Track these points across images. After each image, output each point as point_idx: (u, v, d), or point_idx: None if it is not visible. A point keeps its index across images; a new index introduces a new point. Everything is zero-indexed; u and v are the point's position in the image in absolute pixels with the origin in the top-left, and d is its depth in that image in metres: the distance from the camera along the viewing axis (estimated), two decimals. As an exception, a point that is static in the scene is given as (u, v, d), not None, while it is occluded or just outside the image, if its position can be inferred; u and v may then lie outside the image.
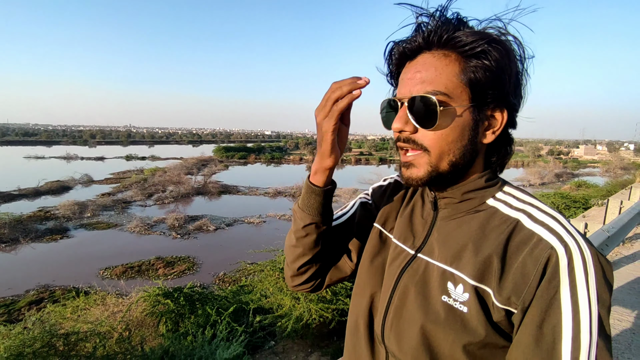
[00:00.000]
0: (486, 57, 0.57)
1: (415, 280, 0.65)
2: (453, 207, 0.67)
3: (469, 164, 0.63)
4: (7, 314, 6.73)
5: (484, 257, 0.58)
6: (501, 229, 0.60)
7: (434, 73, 0.59)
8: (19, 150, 46.14)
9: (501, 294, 0.55)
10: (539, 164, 34.66)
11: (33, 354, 2.30)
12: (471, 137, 0.61)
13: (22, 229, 11.64)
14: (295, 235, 0.76)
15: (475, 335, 0.57)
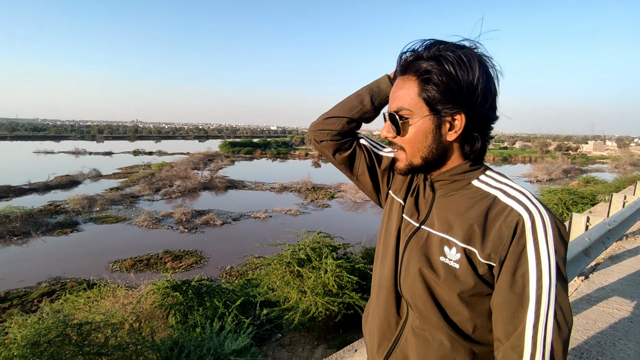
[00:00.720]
0: (435, 79, 0.74)
1: (419, 246, 0.83)
2: (446, 187, 0.84)
3: (441, 156, 0.81)
4: (21, 304, 6.89)
5: (469, 224, 0.75)
6: (483, 203, 0.76)
7: (402, 93, 0.79)
8: (28, 145, 46.75)
9: (484, 252, 0.72)
10: (546, 160, 34.30)
11: (48, 343, 2.37)
12: (435, 138, 0.79)
13: (33, 223, 11.86)
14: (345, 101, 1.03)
15: (465, 285, 0.74)
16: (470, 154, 0.82)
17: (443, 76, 0.74)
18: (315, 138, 1.07)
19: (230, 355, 3.25)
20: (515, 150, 53.88)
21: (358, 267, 4.44)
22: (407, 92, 0.78)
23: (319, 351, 4.06)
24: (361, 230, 10.26)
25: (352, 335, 4.37)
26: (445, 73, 0.74)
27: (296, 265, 4.49)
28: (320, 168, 32.61)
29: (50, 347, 2.37)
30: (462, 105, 0.75)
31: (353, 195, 17.11)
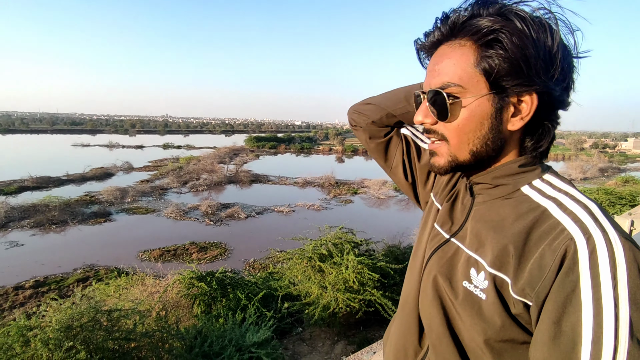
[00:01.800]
0: (502, 42, 0.54)
1: (442, 262, 0.67)
2: (487, 193, 0.66)
3: (496, 152, 0.62)
4: (58, 289, 7.30)
5: (503, 245, 0.57)
6: (526, 218, 0.57)
7: (448, 64, 0.59)
8: (67, 139, 49.20)
9: (517, 284, 0.53)
10: (581, 158, 32.62)
11: (80, 327, 2.49)
12: (493, 126, 0.59)
13: (70, 212, 12.49)
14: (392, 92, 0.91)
15: (491, 325, 0.55)
16: (533, 150, 0.62)
17: (515, 38, 0.54)
18: (351, 120, 0.98)
19: (251, 347, 3.31)
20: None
21: (380, 265, 4.40)
22: (457, 62, 0.58)
23: (339, 347, 4.07)
24: (384, 227, 10.17)
25: (373, 332, 4.34)
26: (518, 34, 0.54)
27: (317, 261, 4.50)
28: (343, 163, 32.51)
29: (82, 332, 2.49)
30: (535, 81, 0.56)
31: (376, 192, 16.96)
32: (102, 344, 2.50)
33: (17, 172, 18.06)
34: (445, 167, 0.64)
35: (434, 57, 0.62)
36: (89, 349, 2.40)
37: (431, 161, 0.67)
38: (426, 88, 0.63)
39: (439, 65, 0.60)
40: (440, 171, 0.65)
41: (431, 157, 0.67)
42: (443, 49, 0.61)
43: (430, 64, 0.63)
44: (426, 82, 0.64)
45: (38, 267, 8.36)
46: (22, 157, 27.85)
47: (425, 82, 0.64)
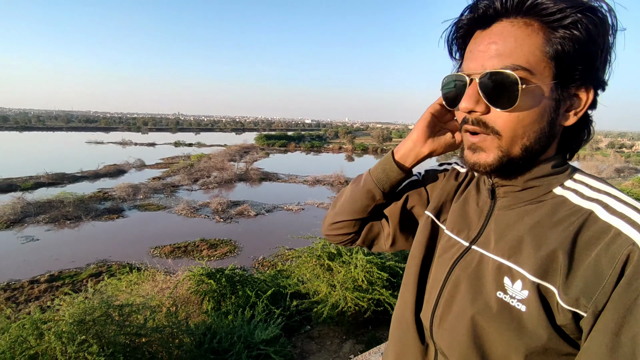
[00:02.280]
0: (576, 27, 0.49)
1: (468, 273, 0.61)
2: (513, 196, 0.61)
3: (543, 149, 0.57)
4: (72, 284, 7.45)
5: (548, 252, 0.52)
6: (570, 221, 0.53)
7: (513, 44, 0.51)
8: (81, 136, 50.14)
9: (568, 293, 0.49)
10: (596, 158, 31.95)
11: (93, 322, 2.54)
12: (551, 119, 0.54)
13: (84, 208, 12.73)
14: (353, 196, 0.82)
15: (534, 339, 0.50)
16: (570, 150, 0.60)
17: (592, 26, 0.49)
18: (331, 241, 0.92)
19: (260, 344, 3.33)
20: None
21: (389, 265, 4.37)
22: (523, 42, 0.51)
23: (347, 346, 4.06)
24: (394, 226, 10.11)
25: (381, 332, 4.32)
26: (596, 22, 0.49)
27: (326, 259, 4.50)
28: (353, 162, 32.43)
29: (94, 326, 2.54)
30: (597, 75, 0.53)
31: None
32: (113, 339, 2.54)
33: (33, 169, 18.49)
34: (494, 165, 0.56)
35: (488, 34, 0.54)
36: (100, 343, 2.44)
37: (473, 158, 0.58)
38: (477, 70, 0.54)
39: (498, 44, 0.52)
40: (485, 169, 0.57)
41: (472, 154, 0.58)
42: (503, 26, 0.53)
43: (481, 42, 0.55)
44: (476, 62, 0.55)
45: (52, 262, 8.55)
46: (38, 154, 28.49)
47: (475, 63, 0.55)
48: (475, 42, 0.57)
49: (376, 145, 42.93)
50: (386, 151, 6.66)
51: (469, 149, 0.59)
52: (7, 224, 11.14)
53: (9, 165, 20.39)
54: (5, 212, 11.49)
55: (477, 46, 0.56)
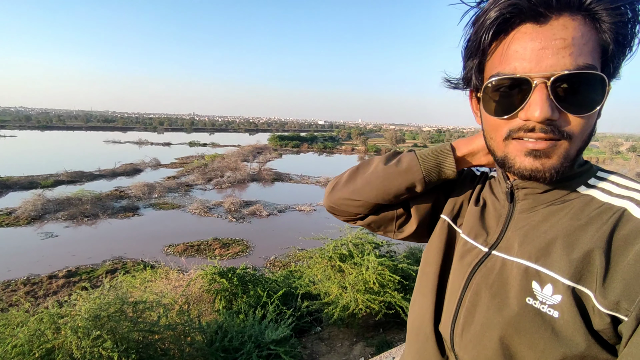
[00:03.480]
0: (624, 23, 0.48)
1: (491, 281, 0.57)
2: (535, 198, 0.57)
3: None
4: (88, 279, 7.63)
5: (581, 253, 0.49)
6: (602, 220, 0.50)
7: (581, 41, 0.46)
8: (100, 135, 51.38)
9: (606, 296, 0.45)
10: (617, 162, 30.99)
11: (107, 317, 2.59)
12: (597, 117, 0.52)
13: (101, 206, 13.03)
14: (387, 177, 0.72)
15: (571, 346, 0.47)
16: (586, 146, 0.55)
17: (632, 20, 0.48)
18: (332, 213, 0.83)
19: (270, 344, 3.33)
20: None
21: (401, 267, 4.33)
22: (589, 39, 0.47)
23: (357, 348, 4.04)
24: (406, 229, 10.03)
25: (392, 335, 4.28)
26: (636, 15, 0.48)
27: (338, 260, 4.48)
28: (366, 163, 32.29)
29: (109, 321, 2.58)
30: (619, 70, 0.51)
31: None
32: (127, 335, 2.58)
33: (53, 167, 19.03)
34: (560, 170, 0.51)
35: (548, 30, 0.47)
36: (114, 338, 2.49)
37: (535, 164, 0.51)
38: (541, 70, 0.47)
39: (567, 40, 0.47)
40: (551, 176, 0.51)
41: (534, 160, 0.51)
42: (565, 21, 0.47)
43: (535, 39, 0.48)
44: (534, 63, 0.48)
45: (70, 258, 8.77)
46: (59, 153, 29.30)
47: (533, 64, 0.48)
48: (525, 38, 0.49)
49: (389, 147, 42.68)
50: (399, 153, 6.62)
51: (527, 156, 0.51)
52: (27, 220, 11.49)
53: (30, 163, 21.05)
54: (27, 209, 11.86)
55: (531, 43, 0.48)
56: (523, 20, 0.49)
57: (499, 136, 0.54)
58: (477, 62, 0.55)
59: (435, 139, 58.16)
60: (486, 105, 0.55)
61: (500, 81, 0.51)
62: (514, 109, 0.51)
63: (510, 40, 0.50)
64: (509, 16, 0.49)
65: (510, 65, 0.50)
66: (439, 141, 54.43)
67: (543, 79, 0.47)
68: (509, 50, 0.50)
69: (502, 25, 0.50)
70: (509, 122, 0.52)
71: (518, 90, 0.50)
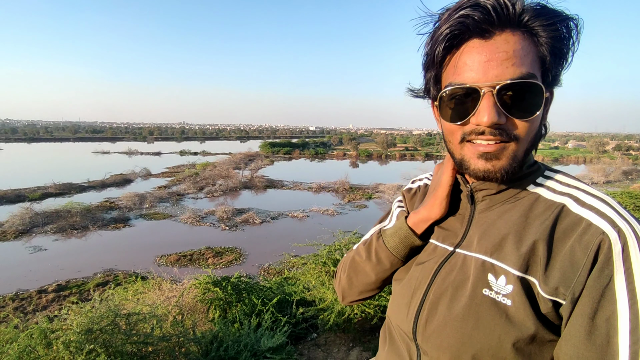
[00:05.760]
0: (560, 37, 0.54)
1: (453, 276, 0.63)
2: (490, 199, 0.64)
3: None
4: (79, 293, 7.48)
5: (527, 246, 0.55)
6: (545, 215, 0.57)
7: (522, 53, 0.53)
8: (88, 146, 50.68)
9: (547, 284, 0.52)
10: (603, 161, 31.58)
11: (100, 330, 2.55)
12: (542, 120, 0.59)
13: (91, 218, 12.83)
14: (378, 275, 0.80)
15: (523, 330, 0.53)
16: (535, 147, 0.61)
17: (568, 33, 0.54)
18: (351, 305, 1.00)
19: (266, 352, 3.31)
20: (568, 150, 50.25)
21: (395, 270, 4.35)
22: (529, 51, 0.53)
23: (354, 353, 4.03)
24: (399, 232, 10.06)
25: (389, 339, 4.29)
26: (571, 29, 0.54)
27: (332, 266, 4.48)
28: (358, 168, 32.41)
29: (102, 335, 2.55)
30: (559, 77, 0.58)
31: (391, 196, 16.82)
32: (121, 348, 2.55)
33: (41, 179, 18.69)
34: (509, 170, 0.57)
35: (493, 44, 0.53)
36: (108, 352, 2.45)
37: (486, 166, 0.57)
38: (488, 80, 0.53)
39: (509, 53, 0.52)
40: (502, 176, 0.57)
41: (485, 162, 0.57)
42: (507, 36, 0.53)
43: (481, 52, 0.54)
44: (481, 74, 0.54)
45: (60, 272, 8.60)
46: (46, 165, 28.82)
47: (480, 75, 0.54)
48: (473, 52, 0.55)
49: (380, 151, 42.93)
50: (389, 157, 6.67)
51: (479, 158, 0.57)
52: (15, 234, 11.25)
53: (17, 176, 20.64)
54: (14, 223, 11.61)
55: (478, 56, 0.54)
56: (471, 36, 0.55)
57: (455, 139, 0.60)
58: (434, 74, 0.62)
59: (425, 142, 58.63)
60: (443, 113, 0.61)
61: (453, 90, 0.57)
62: (466, 115, 0.57)
63: (460, 53, 0.56)
64: (457, 32, 0.55)
65: (461, 76, 0.56)
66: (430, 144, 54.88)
67: (490, 88, 0.53)
68: (459, 63, 0.56)
69: (452, 40, 0.56)
70: (462, 127, 0.59)
71: (469, 99, 0.56)
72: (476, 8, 0.53)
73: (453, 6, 0.56)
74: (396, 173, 24.95)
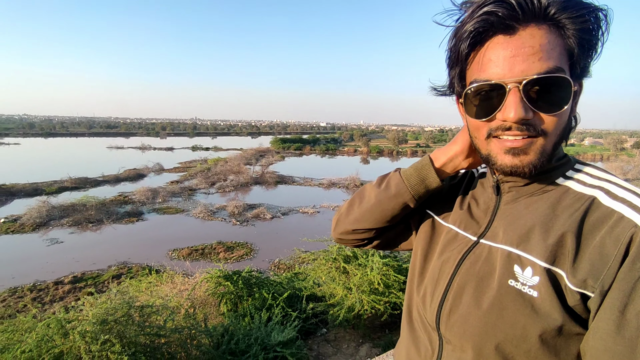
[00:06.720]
0: (588, 29, 0.53)
1: (478, 266, 0.62)
2: (517, 190, 0.64)
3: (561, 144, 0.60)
4: (94, 285, 7.65)
5: (556, 238, 0.54)
6: (575, 207, 0.56)
7: (548, 47, 0.52)
8: (102, 141, 51.58)
9: (575, 276, 0.52)
10: (621, 158, 30.76)
11: (115, 321, 2.60)
12: (572, 113, 0.59)
13: (105, 211, 13.08)
14: (381, 204, 0.77)
15: (549, 322, 0.53)
16: (565, 139, 0.60)
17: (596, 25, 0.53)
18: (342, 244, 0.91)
19: (276, 346, 3.34)
20: (584, 148, 48.96)
21: (406, 267, 4.33)
22: (555, 44, 0.52)
23: (363, 349, 4.03)
24: (410, 229, 10.01)
25: (398, 336, 4.28)
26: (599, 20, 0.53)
27: (342, 262, 4.49)
28: (368, 164, 32.28)
29: (116, 326, 2.60)
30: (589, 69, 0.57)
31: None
32: (134, 339, 2.60)
33: (57, 173, 19.12)
34: (537, 165, 0.56)
35: (518, 39, 0.53)
36: (122, 342, 2.50)
37: (514, 161, 0.56)
38: (514, 76, 0.53)
39: (535, 47, 0.52)
40: (530, 170, 0.56)
41: (513, 158, 0.56)
42: (532, 30, 0.52)
43: (506, 48, 0.53)
44: (507, 69, 0.53)
45: (75, 264, 8.81)
46: (62, 159, 29.46)
47: (506, 70, 0.53)
48: (497, 47, 0.54)
49: (392, 148, 42.64)
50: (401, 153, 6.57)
51: (507, 154, 0.57)
52: (33, 227, 11.55)
53: (34, 170, 21.17)
54: (32, 216, 11.92)
55: (503, 52, 0.53)
56: (495, 32, 0.55)
57: (482, 135, 0.60)
58: (458, 71, 0.62)
59: (437, 138, 58.01)
60: (468, 109, 0.61)
61: (478, 87, 0.57)
62: (492, 111, 0.57)
63: (485, 50, 0.56)
64: (481, 29, 0.55)
65: (486, 72, 0.56)
66: (442, 141, 54.30)
67: (516, 84, 0.53)
68: (484, 59, 0.56)
69: (477, 37, 0.56)
70: (488, 123, 0.58)
71: (495, 95, 0.56)
72: (500, 4, 0.52)
73: (477, 1, 0.55)
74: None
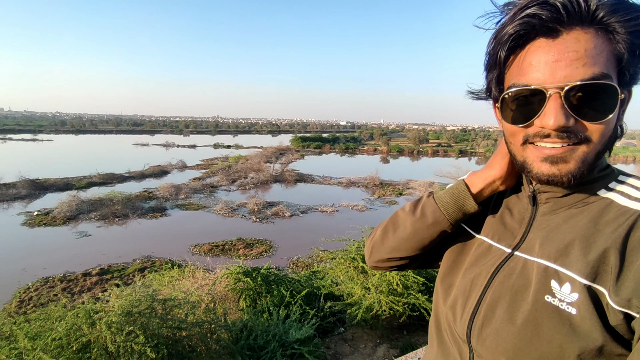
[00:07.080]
0: (638, 34, 0.50)
1: (513, 279, 0.59)
2: (555, 202, 0.60)
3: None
4: (120, 278, 7.94)
5: (597, 254, 0.51)
6: (619, 222, 0.52)
7: (594, 52, 0.49)
8: (129, 138, 53.34)
9: (619, 294, 0.48)
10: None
11: (139, 314, 2.69)
12: (617, 121, 0.55)
13: (131, 206, 13.53)
14: (417, 233, 0.74)
15: (588, 341, 0.49)
16: (609, 149, 0.57)
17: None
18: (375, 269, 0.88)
19: (294, 343, 3.37)
20: (615, 149, 45.32)
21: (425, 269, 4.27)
22: (602, 49, 0.50)
23: (381, 350, 4.01)
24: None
25: (417, 338, 4.22)
26: None
27: (360, 262, 4.47)
28: (388, 164, 31.98)
29: (140, 317, 2.68)
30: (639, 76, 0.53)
31: (423, 193, 16.48)
32: (157, 331, 2.68)
33: (87, 169, 19.93)
34: (577, 175, 0.52)
35: (561, 43, 0.50)
36: (145, 334, 2.58)
37: (552, 170, 0.53)
38: (555, 81, 0.50)
39: (579, 53, 0.49)
40: (569, 180, 0.53)
41: (551, 166, 0.53)
42: (578, 34, 0.50)
43: (549, 52, 0.51)
44: (548, 75, 0.50)
45: (102, 257, 9.16)
46: (91, 155, 30.63)
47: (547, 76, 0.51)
48: (539, 51, 0.52)
49: (412, 147, 42.07)
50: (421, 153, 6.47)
51: (544, 162, 0.54)
52: (63, 220, 12.09)
53: (66, 166, 22.11)
54: (62, 209, 12.48)
55: (545, 56, 0.51)
56: (537, 35, 0.52)
57: (517, 141, 0.57)
58: (496, 75, 0.59)
59: (459, 138, 56.80)
60: (505, 114, 0.58)
61: (517, 92, 0.54)
62: (530, 117, 0.54)
63: (525, 53, 0.53)
64: (522, 32, 0.52)
65: (525, 77, 0.53)
66: (464, 141, 53.08)
67: (557, 90, 0.50)
68: (524, 63, 0.53)
69: (517, 40, 0.53)
70: (525, 129, 0.56)
71: (534, 100, 0.53)
72: (544, 6, 0.50)
73: (519, 3, 0.52)
74: (428, 170, 24.38)
